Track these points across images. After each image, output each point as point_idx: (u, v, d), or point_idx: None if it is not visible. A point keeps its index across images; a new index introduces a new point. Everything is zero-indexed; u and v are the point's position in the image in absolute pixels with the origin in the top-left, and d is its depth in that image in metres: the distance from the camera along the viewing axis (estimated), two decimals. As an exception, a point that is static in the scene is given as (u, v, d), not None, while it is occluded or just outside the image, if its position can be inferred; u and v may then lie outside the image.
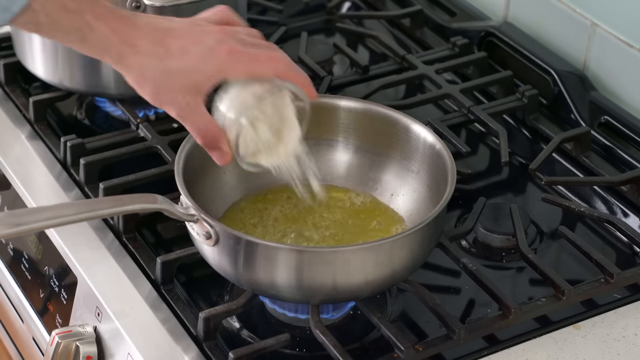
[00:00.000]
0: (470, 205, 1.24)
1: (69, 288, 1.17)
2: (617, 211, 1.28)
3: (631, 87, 1.38)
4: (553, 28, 1.48)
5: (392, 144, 1.18)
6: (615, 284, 1.14)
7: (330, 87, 1.42)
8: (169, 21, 1.03)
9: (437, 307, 1.08)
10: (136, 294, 1.13)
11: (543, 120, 1.40)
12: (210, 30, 1.03)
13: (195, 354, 1.06)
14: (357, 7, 1.65)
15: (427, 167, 1.15)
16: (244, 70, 1.03)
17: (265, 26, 1.57)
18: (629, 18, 1.37)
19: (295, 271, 1.02)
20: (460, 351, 1.08)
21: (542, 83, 1.42)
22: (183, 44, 1.01)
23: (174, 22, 1.04)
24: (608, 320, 1.13)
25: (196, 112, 1.02)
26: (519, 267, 1.20)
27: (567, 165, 1.34)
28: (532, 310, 1.11)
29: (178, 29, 1.02)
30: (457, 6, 1.59)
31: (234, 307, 1.08)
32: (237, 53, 1.02)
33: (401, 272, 1.06)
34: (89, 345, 1.12)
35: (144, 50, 1.00)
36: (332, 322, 1.11)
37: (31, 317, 1.23)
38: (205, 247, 1.05)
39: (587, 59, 1.44)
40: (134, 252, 1.18)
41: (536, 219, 1.26)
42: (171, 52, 1.00)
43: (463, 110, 1.38)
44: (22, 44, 1.36)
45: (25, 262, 1.25)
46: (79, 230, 1.19)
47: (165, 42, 1.00)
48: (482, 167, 1.37)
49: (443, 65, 1.46)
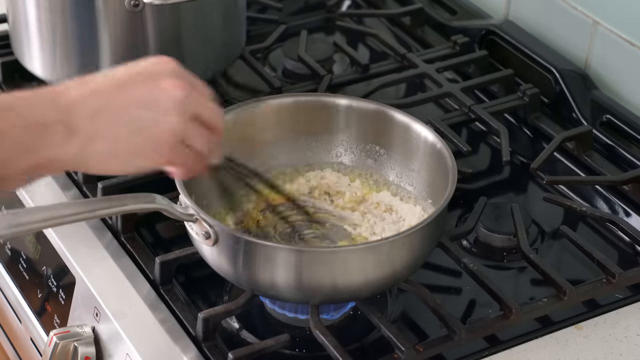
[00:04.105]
0: (471, 205, 1.24)
1: (67, 288, 1.17)
2: (619, 211, 1.27)
3: (633, 86, 1.38)
4: (554, 26, 1.47)
5: (393, 143, 1.18)
6: (617, 284, 1.14)
7: (330, 85, 1.41)
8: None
9: (437, 307, 1.08)
10: (135, 294, 1.13)
11: (544, 119, 1.39)
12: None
13: (195, 354, 1.06)
14: (357, 6, 1.65)
15: (427, 166, 1.15)
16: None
17: (264, 24, 1.56)
18: (631, 16, 1.36)
19: (295, 271, 1.01)
20: (461, 352, 1.08)
21: (543, 82, 1.42)
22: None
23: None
24: (610, 321, 1.12)
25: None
26: (520, 267, 1.19)
27: (568, 165, 1.34)
28: (534, 310, 1.11)
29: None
30: (457, 4, 1.59)
31: (233, 308, 1.07)
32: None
33: (402, 272, 1.05)
34: (87, 345, 1.12)
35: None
36: (332, 323, 1.11)
37: (29, 317, 1.23)
38: (205, 247, 1.05)
39: (588, 57, 1.44)
40: (132, 252, 1.18)
41: (537, 218, 1.25)
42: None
43: (464, 109, 1.38)
44: (20, 42, 1.36)
45: (23, 262, 1.25)
46: (77, 230, 1.19)
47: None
48: (483, 166, 1.36)
49: (444, 63, 1.46)
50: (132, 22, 1.28)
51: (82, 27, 1.29)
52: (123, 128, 0.93)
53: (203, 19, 1.32)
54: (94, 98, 0.92)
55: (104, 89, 0.93)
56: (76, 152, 0.91)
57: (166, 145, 0.95)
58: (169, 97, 0.94)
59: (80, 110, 0.91)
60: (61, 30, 1.30)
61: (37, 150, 0.89)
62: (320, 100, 1.19)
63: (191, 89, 0.96)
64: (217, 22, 1.35)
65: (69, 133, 0.90)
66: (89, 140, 0.91)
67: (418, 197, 1.16)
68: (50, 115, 0.90)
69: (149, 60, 0.97)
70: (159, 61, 0.97)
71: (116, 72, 0.95)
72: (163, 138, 0.95)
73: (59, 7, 1.29)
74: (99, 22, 1.28)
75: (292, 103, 1.19)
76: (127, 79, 0.94)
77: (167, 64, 0.97)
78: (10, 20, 1.37)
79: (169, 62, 0.97)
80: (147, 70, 0.95)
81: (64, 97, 0.91)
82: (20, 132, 0.88)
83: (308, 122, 1.19)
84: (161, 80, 0.95)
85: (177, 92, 0.95)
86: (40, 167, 0.90)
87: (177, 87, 0.95)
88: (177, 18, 1.31)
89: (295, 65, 1.48)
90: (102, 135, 0.92)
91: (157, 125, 0.94)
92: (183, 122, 0.95)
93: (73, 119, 0.91)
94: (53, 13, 1.29)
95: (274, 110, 1.18)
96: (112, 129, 0.92)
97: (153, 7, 1.28)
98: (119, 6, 1.27)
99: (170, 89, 0.95)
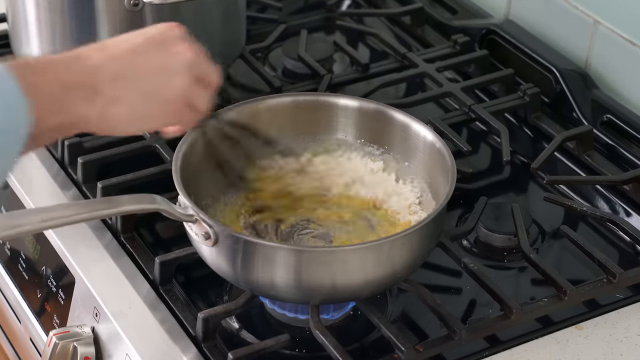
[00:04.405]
0: (472, 205, 1.24)
1: (67, 288, 1.17)
2: (620, 210, 1.27)
3: (634, 85, 1.38)
4: (555, 25, 1.47)
5: (392, 142, 1.18)
6: (618, 284, 1.14)
7: (330, 85, 1.41)
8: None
9: (438, 307, 1.08)
10: (134, 294, 1.13)
11: (545, 118, 1.39)
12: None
13: (194, 354, 1.06)
14: (357, 5, 1.65)
15: (427, 165, 1.15)
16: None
17: (264, 24, 1.56)
18: (631, 15, 1.36)
19: (294, 271, 1.01)
20: (461, 352, 1.08)
21: (544, 81, 1.41)
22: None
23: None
24: (610, 321, 1.12)
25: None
26: (521, 267, 1.19)
27: (569, 164, 1.33)
28: (534, 310, 1.11)
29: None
30: (458, 4, 1.58)
31: (233, 308, 1.07)
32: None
33: (401, 271, 1.05)
34: (87, 345, 1.11)
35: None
36: (332, 323, 1.11)
37: (28, 317, 1.23)
38: (204, 248, 1.04)
39: (589, 56, 1.43)
40: (132, 252, 1.17)
41: (538, 218, 1.25)
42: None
43: (464, 108, 1.37)
44: (19, 41, 1.35)
45: (22, 262, 1.25)
46: (76, 230, 1.19)
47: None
48: (483, 166, 1.36)
49: (444, 63, 1.46)
50: (132, 21, 1.28)
51: (81, 27, 1.29)
52: (140, 92, 0.98)
53: (203, 18, 1.32)
54: (114, 63, 0.96)
55: (123, 54, 0.97)
56: (97, 114, 0.95)
57: (174, 106, 1.00)
58: (179, 60, 1.00)
59: (102, 75, 0.95)
60: (60, 30, 1.30)
61: (67, 109, 0.92)
62: (318, 100, 1.19)
63: (196, 51, 1.01)
64: (216, 21, 1.35)
65: (93, 95, 0.94)
66: (109, 103, 0.95)
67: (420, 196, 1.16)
68: (77, 77, 0.93)
69: (159, 27, 1.01)
70: (169, 27, 1.02)
71: (131, 38, 0.99)
72: (173, 100, 1.00)
73: (58, 7, 1.29)
74: (99, 22, 1.28)
75: (290, 103, 1.19)
76: (143, 45, 0.99)
77: (176, 29, 1.02)
78: (9, 20, 1.37)
79: (177, 27, 1.02)
80: (161, 36, 1.00)
81: (88, 61, 0.95)
82: (55, 89, 0.91)
83: (307, 122, 1.19)
84: (173, 45, 1.00)
85: (187, 55, 1.00)
86: (64, 127, 0.94)
87: (187, 51, 1.00)
88: (177, 17, 1.29)
89: (295, 65, 1.48)
90: (121, 99, 0.96)
91: (169, 88, 0.99)
92: (190, 83, 1.00)
93: (96, 82, 0.94)
94: (52, 12, 1.29)
95: (272, 110, 1.18)
96: (130, 93, 0.97)
97: (153, 6, 1.27)
98: (119, 5, 1.27)
99: (181, 53, 1.00)
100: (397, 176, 1.18)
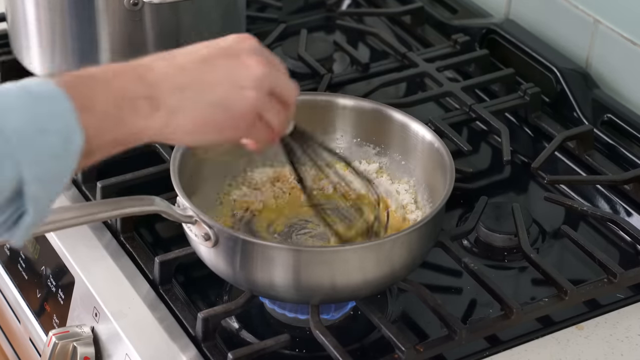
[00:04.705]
0: (472, 205, 1.24)
1: (66, 288, 1.17)
2: (621, 210, 1.27)
3: (634, 85, 1.38)
4: (555, 25, 1.47)
5: (391, 142, 1.18)
6: (619, 283, 1.13)
7: (330, 85, 1.41)
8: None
9: (438, 307, 1.07)
10: (134, 294, 1.12)
11: (545, 118, 1.39)
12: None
13: (194, 354, 1.06)
14: (357, 4, 1.64)
15: (425, 165, 1.15)
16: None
17: (264, 23, 1.56)
18: (632, 15, 1.36)
19: (293, 271, 1.01)
20: (461, 352, 1.08)
21: (544, 81, 1.41)
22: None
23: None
24: (611, 321, 1.12)
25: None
26: (521, 267, 1.19)
27: (569, 164, 1.33)
28: (535, 310, 1.10)
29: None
30: (458, 3, 1.58)
31: (233, 308, 1.07)
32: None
33: (400, 271, 1.05)
34: (87, 345, 1.11)
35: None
36: (332, 323, 1.11)
37: (28, 317, 1.23)
38: (203, 249, 1.04)
39: (589, 56, 1.43)
40: (131, 251, 1.17)
41: (538, 218, 1.25)
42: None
43: (464, 108, 1.37)
44: (19, 41, 1.35)
45: (22, 262, 1.25)
46: (76, 230, 1.18)
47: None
48: (483, 165, 1.36)
49: (444, 62, 1.46)
50: (131, 20, 1.28)
51: (81, 26, 1.29)
52: (206, 103, 0.94)
53: (202, 17, 1.32)
54: (181, 74, 0.93)
55: (190, 65, 0.94)
56: (159, 127, 0.92)
57: (244, 120, 0.96)
58: (250, 74, 0.96)
59: (167, 86, 0.92)
60: (60, 29, 1.30)
61: (123, 124, 0.89)
62: (317, 100, 1.19)
63: (271, 65, 0.98)
64: (216, 20, 1.35)
65: (155, 108, 0.91)
66: (172, 114, 0.92)
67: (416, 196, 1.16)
68: (138, 90, 0.90)
69: (230, 38, 0.98)
70: (240, 38, 0.98)
71: (200, 49, 0.96)
72: (242, 113, 0.96)
73: (58, 6, 1.29)
74: (98, 21, 1.28)
75: None
76: (212, 56, 0.96)
77: (248, 41, 0.98)
78: (9, 19, 1.37)
79: (250, 39, 0.99)
80: (231, 48, 0.97)
81: (151, 72, 0.92)
82: (109, 106, 0.88)
83: (305, 122, 1.18)
84: (243, 58, 0.96)
85: (258, 68, 0.96)
86: (122, 141, 0.91)
87: (259, 64, 0.97)
88: (176, 17, 1.30)
89: (295, 64, 1.48)
90: (185, 110, 0.93)
91: (237, 101, 0.96)
92: (261, 97, 0.97)
93: (159, 94, 0.91)
94: (52, 12, 1.29)
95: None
96: (196, 105, 0.93)
97: (152, 5, 1.27)
98: (118, 5, 1.27)
99: (252, 66, 0.96)
100: (396, 176, 1.18)
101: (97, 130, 0.86)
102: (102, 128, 0.87)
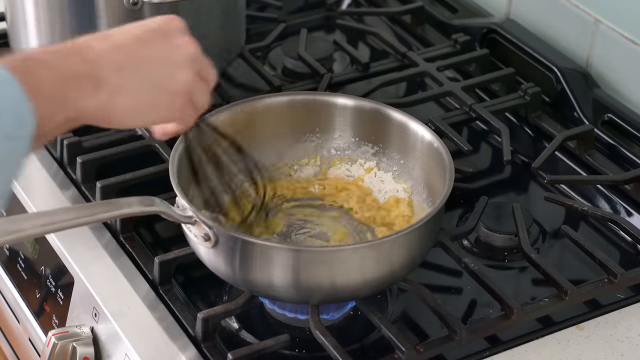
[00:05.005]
0: (472, 204, 1.24)
1: (66, 288, 1.16)
2: (621, 210, 1.27)
3: (635, 85, 1.38)
4: (556, 25, 1.47)
5: (390, 141, 1.17)
6: (619, 284, 1.13)
7: (330, 84, 1.41)
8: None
9: (438, 307, 1.07)
10: (134, 294, 1.12)
11: (546, 118, 1.39)
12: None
13: (194, 355, 1.06)
14: (357, 4, 1.64)
15: (425, 165, 1.14)
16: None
17: (264, 23, 1.56)
18: (632, 14, 1.36)
19: (293, 271, 1.01)
20: (461, 352, 1.08)
21: (544, 80, 1.41)
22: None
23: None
24: (612, 321, 1.12)
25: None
26: (522, 267, 1.19)
27: (570, 164, 1.33)
28: (535, 310, 1.10)
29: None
30: (458, 2, 1.58)
31: (232, 308, 1.07)
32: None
33: (399, 271, 1.05)
34: (86, 346, 1.11)
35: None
36: (332, 323, 1.11)
37: (27, 317, 1.23)
38: (202, 249, 1.04)
39: (590, 56, 1.43)
40: (131, 251, 1.17)
41: (539, 218, 1.25)
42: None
43: (465, 108, 1.37)
44: (18, 40, 1.35)
45: (21, 262, 1.24)
46: (75, 230, 1.17)
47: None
48: (484, 165, 1.36)
49: (444, 62, 1.46)
50: (131, 20, 1.27)
51: (80, 26, 1.29)
52: (145, 83, 0.95)
53: (202, 17, 1.32)
54: (118, 52, 0.94)
55: (126, 43, 0.95)
56: (102, 105, 0.92)
57: (180, 100, 0.98)
58: (183, 53, 0.98)
59: (106, 64, 0.92)
60: (59, 29, 1.30)
61: (70, 103, 0.90)
62: (316, 99, 1.19)
63: (196, 44, 1.00)
64: (216, 20, 1.35)
65: (97, 85, 0.91)
66: (114, 93, 0.93)
67: (416, 196, 1.16)
68: (80, 68, 0.91)
69: (158, 18, 0.99)
70: (168, 19, 1.00)
71: (132, 29, 0.97)
72: (179, 93, 0.98)
73: (57, 6, 1.29)
74: (98, 21, 1.28)
75: (287, 102, 1.19)
76: (146, 36, 0.97)
77: (175, 21, 1.00)
78: (8, 19, 1.37)
79: (176, 19, 1.00)
80: (161, 28, 0.98)
81: (91, 51, 0.92)
82: (55, 87, 0.89)
83: (304, 121, 1.19)
84: (176, 38, 0.98)
85: (190, 48, 0.98)
86: (70, 120, 0.91)
87: (189, 44, 0.99)
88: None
89: (295, 64, 1.48)
90: (126, 89, 0.94)
91: (174, 80, 0.97)
92: (193, 76, 0.98)
93: (100, 72, 0.92)
94: (51, 11, 1.29)
95: (269, 109, 1.18)
96: (136, 84, 0.95)
97: (152, 5, 1.27)
98: (118, 5, 1.27)
99: (184, 45, 0.98)
100: (395, 175, 1.18)
101: (48, 112, 0.87)
102: (51, 109, 0.88)
